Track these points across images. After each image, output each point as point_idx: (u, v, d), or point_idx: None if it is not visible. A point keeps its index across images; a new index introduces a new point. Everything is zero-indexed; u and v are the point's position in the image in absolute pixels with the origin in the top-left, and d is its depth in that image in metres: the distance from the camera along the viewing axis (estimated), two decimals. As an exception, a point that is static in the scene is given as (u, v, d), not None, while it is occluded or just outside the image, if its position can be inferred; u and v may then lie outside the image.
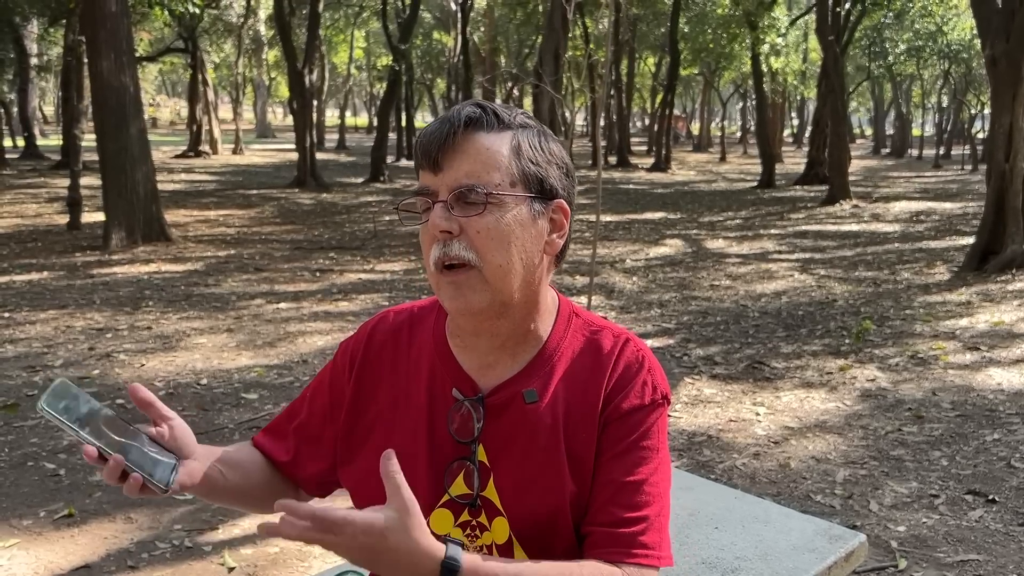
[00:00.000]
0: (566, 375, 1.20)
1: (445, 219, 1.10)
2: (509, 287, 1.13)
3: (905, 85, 42.72)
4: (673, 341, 6.62)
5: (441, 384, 1.22)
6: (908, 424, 4.74)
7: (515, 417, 1.18)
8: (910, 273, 9.55)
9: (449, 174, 1.11)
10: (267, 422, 4.93)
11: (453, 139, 1.11)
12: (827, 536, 1.98)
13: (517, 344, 1.20)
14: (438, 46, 37.21)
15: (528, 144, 1.14)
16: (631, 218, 15.15)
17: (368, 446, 1.24)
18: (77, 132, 12.74)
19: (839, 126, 18.50)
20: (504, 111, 1.14)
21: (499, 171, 1.11)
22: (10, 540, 3.37)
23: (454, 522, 1.19)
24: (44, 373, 5.55)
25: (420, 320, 1.29)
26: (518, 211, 1.12)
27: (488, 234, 1.10)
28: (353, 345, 1.31)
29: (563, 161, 1.18)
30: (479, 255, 1.10)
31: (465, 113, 1.12)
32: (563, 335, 1.22)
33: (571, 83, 21.84)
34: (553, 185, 1.16)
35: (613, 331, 1.25)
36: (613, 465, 1.17)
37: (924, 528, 3.50)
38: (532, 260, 1.14)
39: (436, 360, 1.23)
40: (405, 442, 1.21)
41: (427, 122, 1.21)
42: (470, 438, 1.18)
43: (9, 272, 9.07)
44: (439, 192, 1.11)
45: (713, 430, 4.67)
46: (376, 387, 1.27)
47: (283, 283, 8.79)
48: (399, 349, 1.28)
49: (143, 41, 29.66)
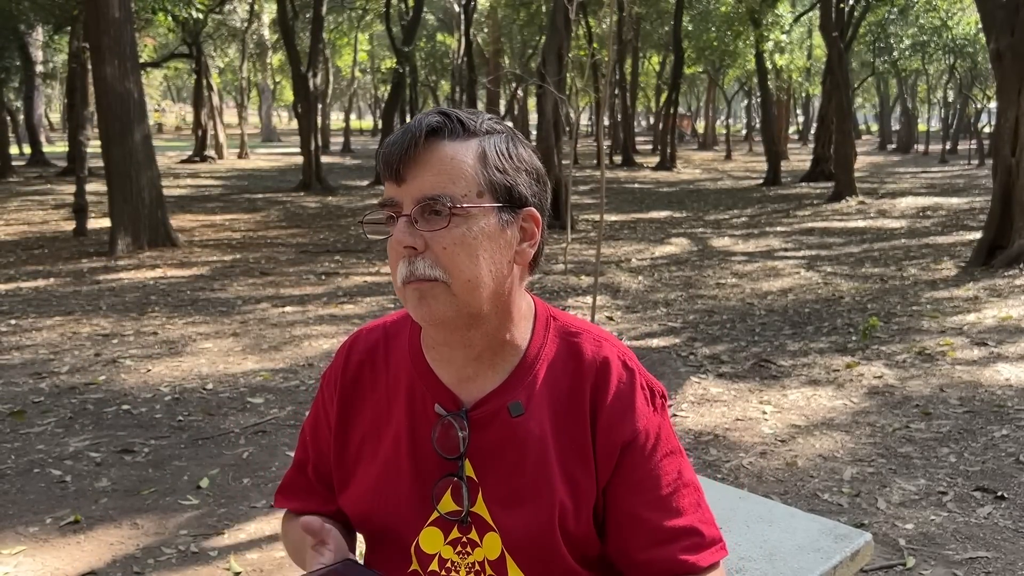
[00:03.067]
0: (548, 383, 1.18)
1: (409, 234, 1.07)
2: (478, 300, 1.10)
3: (910, 80, 42.59)
4: (679, 340, 6.60)
5: (421, 400, 1.19)
6: (916, 421, 4.71)
7: (501, 430, 1.16)
8: (917, 269, 9.51)
9: (412, 185, 1.07)
10: (273, 426, 4.91)
11: (415, 149, 1.07)
12: (832, 535, 1.96)
13: (495, 355, 1.17)
14: (442, 48, 37.22)
15: (495, 151, 1.10)
16: (636, 217, 15.13)
17: (359, 470, 1.23)
18: (82, 138, 12.78)
19: (844, 122, 18.45)
20: (469, 118, 1.11)
21: (464, 181, 1.07)
22: (16, 547, 3.37)
23: (444, 540, 1.18)
24: (50, 379, 5.55)
25: (394, 335, 1.26)
26: (486, 222, 1.08)
27: (454, 248, 1.07)
28: (331, 372, 1.29)
29: (533, 167, 1.14)
30: (446, 271, 1.07)
31: (427, 122, 1.08)
32: (542, 342, 1.20)
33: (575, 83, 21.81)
34: (522, 193, 1.12)
35: (592, 334, 1.23)
36: (646, 485, 1.18)
37: (932, 525, 3.48)
38: (501, 271, 1.11)
39: (414, 375, 1.20)
40: (390, 461, 1.19)
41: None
42: (456, 454, 1.16)
43: (16, 279, 9.09)
44: (403, 204, 1.08)
45: (719, 429, 4.65)
46: (359, 409, 1.25)
47: (288, 287, 8.80)
48: (376, 368, 1.25)
49: (147, 47, 29.76)
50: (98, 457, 4.27)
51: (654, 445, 1.18)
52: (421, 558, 1.19)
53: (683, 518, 1.18)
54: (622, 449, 1.16)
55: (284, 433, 4.62)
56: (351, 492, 1.23)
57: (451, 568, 1.18)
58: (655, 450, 1.18)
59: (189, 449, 4.41)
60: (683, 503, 1.19)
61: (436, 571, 1.18)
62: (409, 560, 1.19)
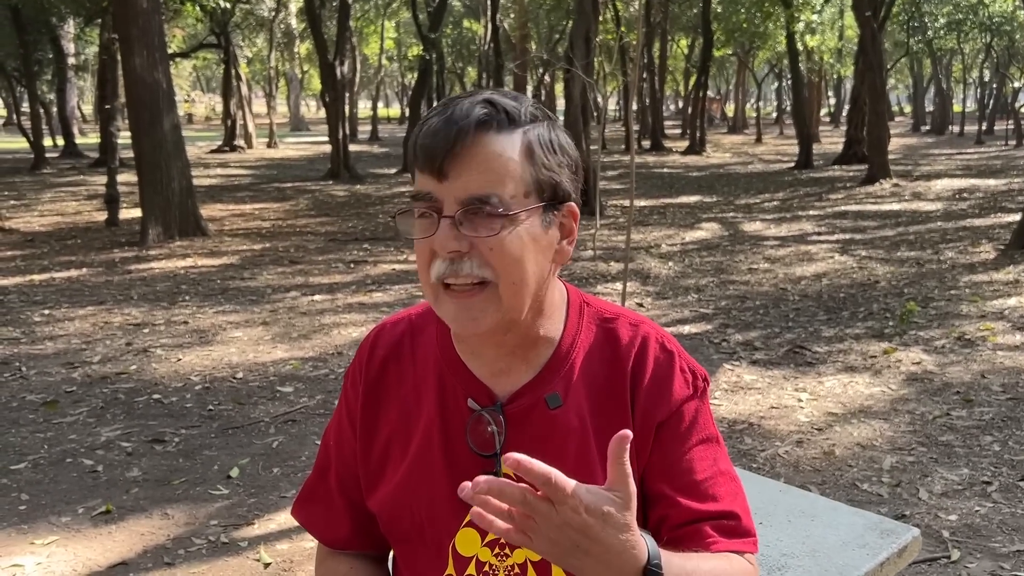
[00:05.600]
0: (585, 372, 1.12)
1: (454, 238, 0.99)
2: (520, 304, 1.04)
3: (945, 60, 41.77)
4: (711, 327, 6.50)
5: (453, 394, 1.13)
6: (957, 408, 4.59)
7: (539, 424, 1.10)
8: (954, 252, 9.31)
9: (457, 184, 0.99)
10: (303, 415, 4.89)
11: (462, 144, 0.98)
12: (878, 530, 1.88)
13: (528, 350, 1.12)
14: (468, 34, 37.11)
15: (540, 145, 1.03)
16: (666, 202, 14.98)
17: (388, 469, 1.17)
18: (113, 129, 12.86)
19: (878, 104, 18.12)
20: (513, 105, 1.03)
21: (513, 181, 1.00)
22: (49, 537, 3.38)
23: (481, 542, 1.13)
24: (82, 369, 5.58)
25: (420, 328, 1.20)
26: (531, 223, 1.02)
27: (502, 252, 1.00)
28: (355, 369, 1.23)
29: (573, 158, 1.08)
30: (494, 271, 1.00)
31: (476, 115, 1.00)
32: (577, 330, 1.14)
33: (603, 67, 21.59)
34: (566, 189, 1.06)
35: (628, 319, 1.16)
36: (680, 467, 1.11)
37: (977, 517, 3.38)
38: (543, 273, 1.06)
39: (445, 369, 1.15)
40: (421, 459, 1.14)
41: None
42: (492, 451, 1.10)
43: (49, 269, 9.17)
44: (443, 203, 1.00)
45: (754, 417, 4.57)
46: (385, 406, 1.19)
47: (318, 275, 8.80)
48: (403, 362, 1.19)
49: (176, 37, 29.92)
50: (129, 447, 4.28)
51: (689, 428, 1.12)
52: (458, 560, 1.14)
53: (719, 504, 1.11)
54: (657, 428, 1.11)
55: (314, 422, 4.61)
56: (380, 493, 1.18)
57: (489, 571, 1.13)
58: (691, 433, 1.12)
59: (219, 439, 4.40)
60: (719, 491, 1.12)
61: (473, 574, 1.13)
62: (445, 562, 1.14)
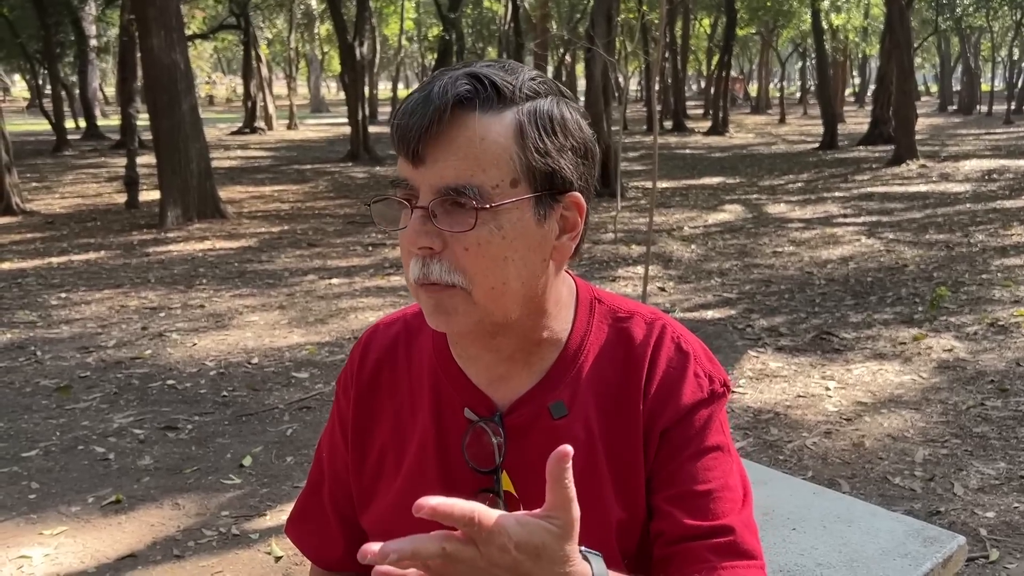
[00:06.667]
0: (595, 376, 1.01)
1: (425, 232, 0.88)
2: (503, 309, 0.92)
3: (973, 38, 41.02)
4: (735, 312, 6.36)
5: (449, 403, 1.02)
6: (991, 398, 4.44)
7: (542, 436, 0.98)
8: (985, 235, 9.09)
9: (432, 170, 0.87)
10: (317, 402, 4.79)
11: (437, 125, 0.86)
12: (920, 538, 1.76)
13: (530, 354, 1.00)
14: (489, 14, 36.77)
15: (535, 126, 0.88)
16: (688, 184, 14.77)
17: (381, 484, 1.07)
18: (132, 111, 12.82)
19: (905, 83, 17.75)
20: (505, 80, 0.89)
21: (496, 168, 0.87)
22: (58, 527, 3.32)
23: None
24: (97, 354, 5.53)
25: (417, 329, 1.08)
26: (520, 217, 0.89)
27: (479, 251, 0.88)
28: (346, 375, 1.13)
29: (580, 140, 0.92)
30: (467, 277, 0.89)
31: (455, 91, 0.86)
32: (586, 329, 1.02)
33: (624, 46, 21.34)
34: (566, 177, 0.91)
35: (644, 316, 1.04)
36: (680, 477, 0.98)
37: (1016, 514, 3.24)
38: (534, 273, 0.92)
39: (440, 375, 1.03)
40: (415, 474, 1.03)
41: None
42: (491, 466, 1.00)
43: (68, 252, 9.15)
44: (419, 191, 0.89)
45: (780, 407, 4.44)
46: (378, 416, 1.08)
47: (335, 258, 8.72)
48: (397, 367, 1.08)
49: (196, 19, 29.86)
50: (142, 434, 4.21)
51: (697, 436, 1.00)
52: None
53: (718, 520, 0.98)
54: (662, 435, 0.99)
55: (328, 409, 4.50)
56: (373, 510, 1.08)
57: None
58: (697, 441, 1.00)
59: (233, 426, 4.33)
60: (722, 507, 0.98)
61: None
62: None
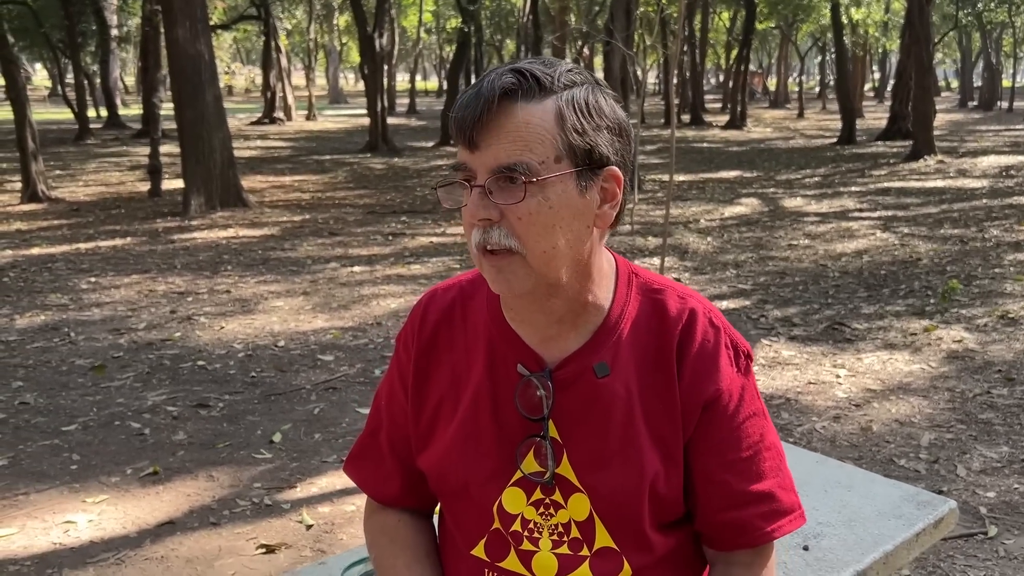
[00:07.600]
0: (633, 342, 1.15)
1: (483, 207, 1.03)
2: (555, 270, 1.07)
3: (995, 33, 40.72)
4: (750, 302, 6.48)
5: (503, 359, 1.17)
6: (998, 386, 4.55)
7: (586, 392, 1.14)
8: (999, 230, 9.15)
9: (487, 154, 1.03)
10: (343, 383, 4.96)
11: (488, 114, 1.01)
12: (915, 502, 1.90)
13: (577, 316, 1.14)
14: (507, 6, 36.81)
15: (573, 110, 1.04)
16: (705, 177, 14.86)
17: (438, 430, 1.22)
18: (155, 101, 13.01)
19: (924, 78, 17.73)
20: (545, 72, 1.04)
21: (541, 147, 1.02)
22: (99, 496, 3.49)
23: (527, 500, 1.17)
24: (128, 335, 5.72)
25: (471, 295, 1.24)
26: (564, 189, 1.04)
27: (531, 219, 1.03)
28: (407, 332, 1.27)
29: (615, 121, 1.08)
30: (521, 242, 1.04)
31: (500, 84, 1.02)
32: (625, 300, 1.17)
33: (643, 40, 21.37)
34: (603, 152, 1.06)
35: (676, 291, 1.19)
36: (728, 444, 1.16)
37: (1016, 494, 3.36)
38: (580, 238, 1.08)
39: (495, 335, 1.18)
40: (470, 421, 1.18)
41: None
42: (540, 415, 1.14)
43: (95, 238, 9.36)
44: (476, 173, 1.04)
45: (791, 392, 4.56)
46: (436, 369, 1.23)
47: (356, 247, 8.88)
48: (454, 327, 1.23)
49: (217, 9, 30.07)
50: (175, 411, 4.39)
51: (737, 406, 1.16)
52: (503, 518, 1.18)
53: (762, 483, 1.16)
54: (704, 408, 1.14)
55: (354, 390, 4.68)
56: (430, 452, 1.23)
57: (534, 529, 1.17)
58: (737, 411, 1.16)
59: (262, 404, 4.50)
60: (763, 467, 1.17)
61: (519, 531, 1.18)
62: (491, 519, 1.19)
